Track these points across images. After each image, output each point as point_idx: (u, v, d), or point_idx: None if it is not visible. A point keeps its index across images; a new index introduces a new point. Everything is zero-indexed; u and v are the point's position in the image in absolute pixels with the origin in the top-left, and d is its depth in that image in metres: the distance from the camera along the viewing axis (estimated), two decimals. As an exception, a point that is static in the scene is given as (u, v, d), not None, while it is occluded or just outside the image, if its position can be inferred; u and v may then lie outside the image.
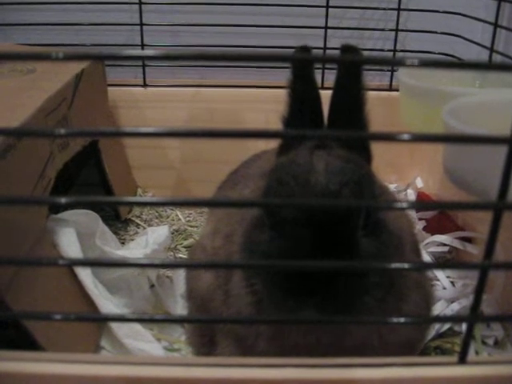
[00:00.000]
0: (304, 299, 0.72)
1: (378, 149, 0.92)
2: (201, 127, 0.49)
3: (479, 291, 0.59)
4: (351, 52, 0.89)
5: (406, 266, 0.63)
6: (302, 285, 0.71)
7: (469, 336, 0.61)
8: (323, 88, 1.70)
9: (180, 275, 1.40)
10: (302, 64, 0.91)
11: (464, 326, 1.29)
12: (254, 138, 0.55)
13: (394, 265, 0.62)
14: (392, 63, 0.51)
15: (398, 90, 1.73)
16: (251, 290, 0.81)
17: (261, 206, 0.83)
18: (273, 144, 0.98)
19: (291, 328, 0.83)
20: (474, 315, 0.60)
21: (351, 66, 0.91)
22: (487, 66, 0.65)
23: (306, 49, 0.92)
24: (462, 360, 0.61)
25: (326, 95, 0.91)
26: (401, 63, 0.53)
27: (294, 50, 0.94)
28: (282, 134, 0.78)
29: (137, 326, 1.22)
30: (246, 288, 0.82)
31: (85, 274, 1.21)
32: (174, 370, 0.62)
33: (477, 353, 1.25)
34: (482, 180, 1.01)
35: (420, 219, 1.75)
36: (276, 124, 0.94)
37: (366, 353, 0.83)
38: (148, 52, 0.53)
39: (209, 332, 1.09)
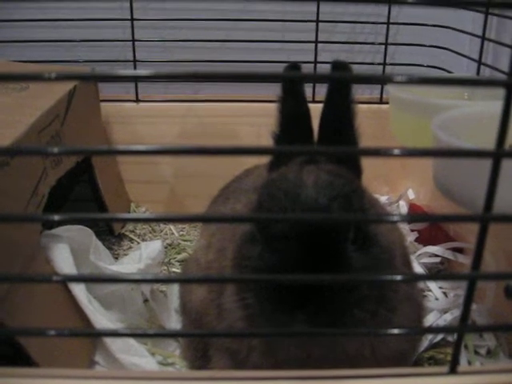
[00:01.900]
0: (295, 313, 0.73)
1: (369, 161, 0.92)
2: (193, 142, 0.50)
3: (468, 302, 0.59)
4: (342, 69, 0.90)
5: (395, 278, 0.64)
6: (292, 299, 0.72)
7: (458, 346, 0.62)
8: (314, 102, 1.73)
9: (174, 289, 1.41)
10: (291, 81, 0.93)
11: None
12: (246, 154, 0.56)
13: (384, 277, 0.63)
14: (381, 81, 0.52)
15: (388, 103, 1.75)
16: (243, 304, 0.81)
17: (252, 221, 0.84)
18: (265, 159, 0.99)
19: (283, 342, 0.83)
20: (463, 325, 0.61)
21: (341, 82, 0.92)
22: (474, 82, 0.66)
23: (296, 66, 0.93)
24: (453, 370, 0.62)
25: (316, 109, 0.92)
26: (389, 80, 0.54)
27: (285, 65, 0.95)
28: (273, 150, 0.79)
29: (131, 341, 1.22)
30: (238, 302, 0.83)
31: (79, 290, 1.22)
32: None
33: (469, 362, 1.26)
34: (470, 191, 1.02)
35: (412, 230, 1.76)
36: (268, 138, 0.95)
37: (358, 365, 0.84)
38: (140, 72, 0.54)
39: (203, 346, 1.09)
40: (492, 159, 0.54)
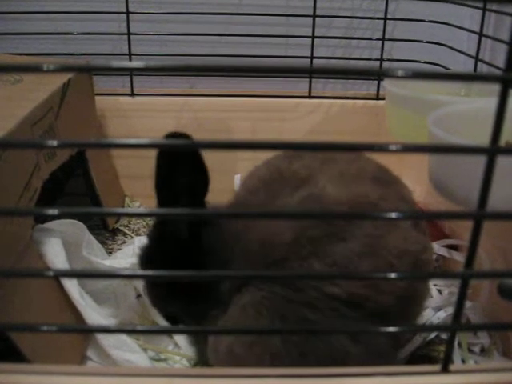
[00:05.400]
0: None
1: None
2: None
3: (460, 300, 0.59)
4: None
5: (390, 275, 0.63)
6: None
7: (451, 345, 0.61)
8: (310, 97, 1.73)
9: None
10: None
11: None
12: (239, 149, 0.55)
13: (378, 275, 0.63)
14: (376, 74, 0.52)
15: (384, 99, 1.74)
16: None
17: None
18: (260, 154, 0.98)
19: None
20: (455, 324, 0.60)
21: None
22: (469, 77, 0.65)
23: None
24: (445, 369, 0.61)
25: (312, 104, 0.92)
26: (385, 74, 0.53)
27: (282, 60, 0.94)
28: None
29: (123, 337, 1.21)
30: None
31: (71, 285, 1.21)
32: (160, 381, 0.62)
33: (463, 361, 1.26)
34: (465, 189, 1.02)
35: (408, 227, 1.75)
36: (262, 132, 0.94)
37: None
38: (133, 64, 0.53)
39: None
40: (486, 156, 0.53)
